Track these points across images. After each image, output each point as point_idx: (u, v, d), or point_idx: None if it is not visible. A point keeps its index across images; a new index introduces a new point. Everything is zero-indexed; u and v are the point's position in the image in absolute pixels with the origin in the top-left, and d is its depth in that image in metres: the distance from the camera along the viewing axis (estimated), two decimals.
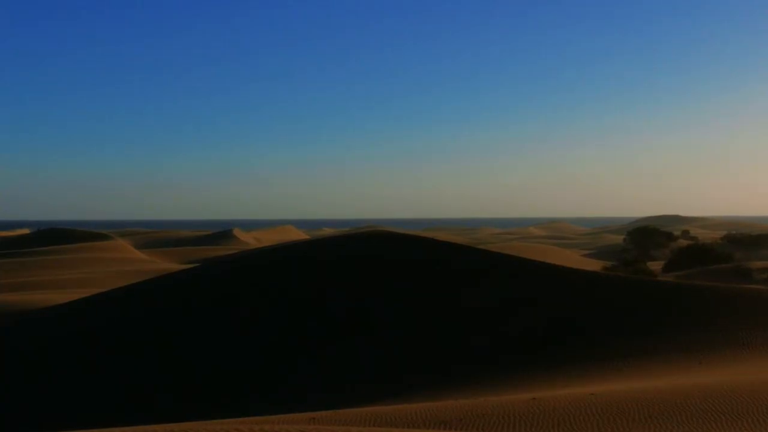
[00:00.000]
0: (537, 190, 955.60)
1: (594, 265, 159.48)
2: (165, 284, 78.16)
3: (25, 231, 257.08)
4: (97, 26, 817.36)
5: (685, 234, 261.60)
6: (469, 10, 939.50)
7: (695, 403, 27.34)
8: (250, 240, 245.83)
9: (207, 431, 18.00)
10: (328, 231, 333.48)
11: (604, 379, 40.13)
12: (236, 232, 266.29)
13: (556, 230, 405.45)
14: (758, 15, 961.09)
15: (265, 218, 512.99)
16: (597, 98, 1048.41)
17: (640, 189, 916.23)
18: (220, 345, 60.16)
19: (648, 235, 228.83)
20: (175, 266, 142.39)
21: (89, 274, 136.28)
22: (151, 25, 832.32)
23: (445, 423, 25.84)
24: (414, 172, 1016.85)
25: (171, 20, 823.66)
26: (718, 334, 51.80)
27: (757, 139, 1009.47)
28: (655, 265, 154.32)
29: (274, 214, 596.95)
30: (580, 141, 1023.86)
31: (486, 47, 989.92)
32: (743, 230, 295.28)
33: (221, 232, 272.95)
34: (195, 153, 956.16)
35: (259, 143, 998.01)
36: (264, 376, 54.33)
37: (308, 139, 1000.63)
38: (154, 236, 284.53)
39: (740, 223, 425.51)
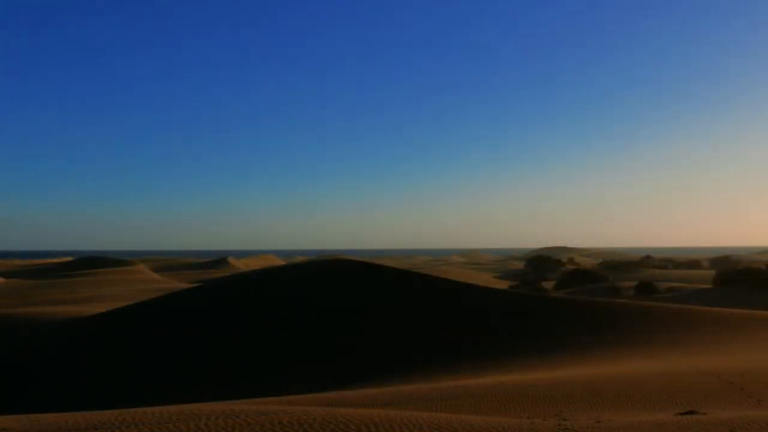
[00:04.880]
0: (459, 226, 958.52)
1: (502, 284, 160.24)
2: (179, 298, 77.77)
3: (69, 258, 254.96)
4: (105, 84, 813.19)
5: (571, 261, 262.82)
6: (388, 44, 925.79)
7: (581, 390, 27.49)
8: (241, 266, 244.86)
9: (201, 411, 17.92)
10: (299, 258, 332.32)
11: (512, 370, 40.24)
12: (230, 259, 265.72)
13: (473, 258, 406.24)
14: (644, 63, 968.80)
15: (253, 248, 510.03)
16: (507, 156, 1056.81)
17: (537, 226, 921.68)
18: (220, 344, 59.86)
19: (543, 261, 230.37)
20: (184, 285, 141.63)
21: (118, 291, 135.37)
22: (165, 86, 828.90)
23: (390, 405, 25.82)
24: (369, 211, 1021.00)
25: (179, 75, 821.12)
26: (596, 336, 52.19)
27: (624, 186, 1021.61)
28: (549, 285, 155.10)
29: (259, 246, 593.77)
30: (493, 188, 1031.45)
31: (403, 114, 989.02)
32: (615, 258, 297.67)
33: (219, 260, 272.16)
34: (200, 197, 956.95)
35: (249, 191, 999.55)
36: (256, 371, 54.11)
37: (286, 187, 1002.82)
38: (167, 262, 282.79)
39: (612, 252, 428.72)
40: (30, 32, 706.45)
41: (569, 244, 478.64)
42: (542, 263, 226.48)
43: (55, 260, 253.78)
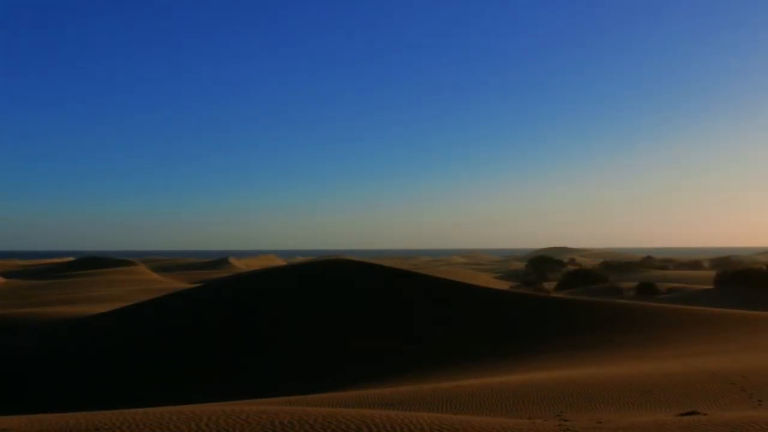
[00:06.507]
0: (459, 226, 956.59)
1: (503, 285, 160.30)
2: (179, 298, 77.83)
3: (70, 258, 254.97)
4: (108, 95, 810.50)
5: (572, 261, 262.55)
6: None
7: (582, 390, 27.49)
8: (242, 266, 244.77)
9: (201, 411, 17.92)
10: (299, 259, 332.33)
11: (513, 371, 40.21)
12: (231, 259, 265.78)
13: (474, 258, 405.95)
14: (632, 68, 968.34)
15: (253, 248, 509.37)
16: (507, 156, 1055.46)
17: (537, 226, 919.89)
18: (220, 344, 59.88)
19: (544, 262, 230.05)
20: (184, 285, 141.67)
21: (119, 292, 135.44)
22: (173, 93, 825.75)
23: (390, 405, 25.81)
24: (369, 211, 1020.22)
25: (186, 88, 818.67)
26: (597, 337, 52.17)
27: (625, 188, 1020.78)
28: (550, 285, 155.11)
29: (259, 246, 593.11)
30: (493, 188, 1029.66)
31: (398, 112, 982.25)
32: (615, 258, 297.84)
33: (219, 260, 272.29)
34: (200, 197, 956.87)
35: (249, 191, 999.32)
36: (245, 368, 54.14)
37: (286, 187, 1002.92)
38: (167, 262, 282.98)
39: (613, 252, 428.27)
40: (30, 32, 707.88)
41: (570, 245, 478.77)
42: (543, 264, 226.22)
43: (56, 260, 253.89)
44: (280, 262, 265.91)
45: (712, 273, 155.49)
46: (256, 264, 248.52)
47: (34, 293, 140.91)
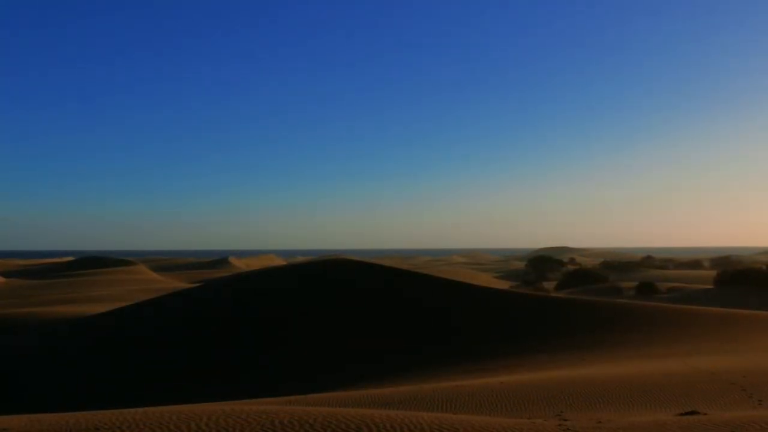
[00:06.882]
0: (459, 226, 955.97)
1: (503, 285, 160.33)
2: (179, 298, 77.79)
3: (70, 258, 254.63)
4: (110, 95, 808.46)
5: (572, 261, 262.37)
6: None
7: (582, 390, 27.51)
8: (242, 266, 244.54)
9: (201, 411, 17.88)
10: (299, 259, 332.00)
11: (513, 371, 40.20)
12: (231, 259, 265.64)
13: (474, 258, 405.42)
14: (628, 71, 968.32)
15: (253, 248, 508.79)
16: (507, 156, 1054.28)
17: (537, 226, 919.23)
18: (220, 344, 59.86)
19: (544, 261, 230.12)
20: (184, 285, 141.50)
21: (118, 291, 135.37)
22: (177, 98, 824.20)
23: (390, 405, 25.80)
24: (369, 211, 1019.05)
25: (189, 90, 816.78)
26: (597, 336, 52.18)
27: (625, 188, 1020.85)
28: (550, 285, 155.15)
29: (259, 245, 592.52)
30: (493, 188, 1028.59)
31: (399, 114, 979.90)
32: (615, 258, 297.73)
33: (219, 260, 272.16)
34: (200, 197, 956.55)
35: (249, 191, 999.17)
36: (247, 367, 54.10)
37: (286, 187, 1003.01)
38: (167, 262, 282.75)
39: (613, 252, 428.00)
40: (30, 32, 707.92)
41: (570, 244, 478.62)
42: (543, 263, 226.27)
43: (56, 260, 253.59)
44: (280, 262, 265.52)
45: (712, 273, 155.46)
46: (256, 264, 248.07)
47: (34, 293, 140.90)
